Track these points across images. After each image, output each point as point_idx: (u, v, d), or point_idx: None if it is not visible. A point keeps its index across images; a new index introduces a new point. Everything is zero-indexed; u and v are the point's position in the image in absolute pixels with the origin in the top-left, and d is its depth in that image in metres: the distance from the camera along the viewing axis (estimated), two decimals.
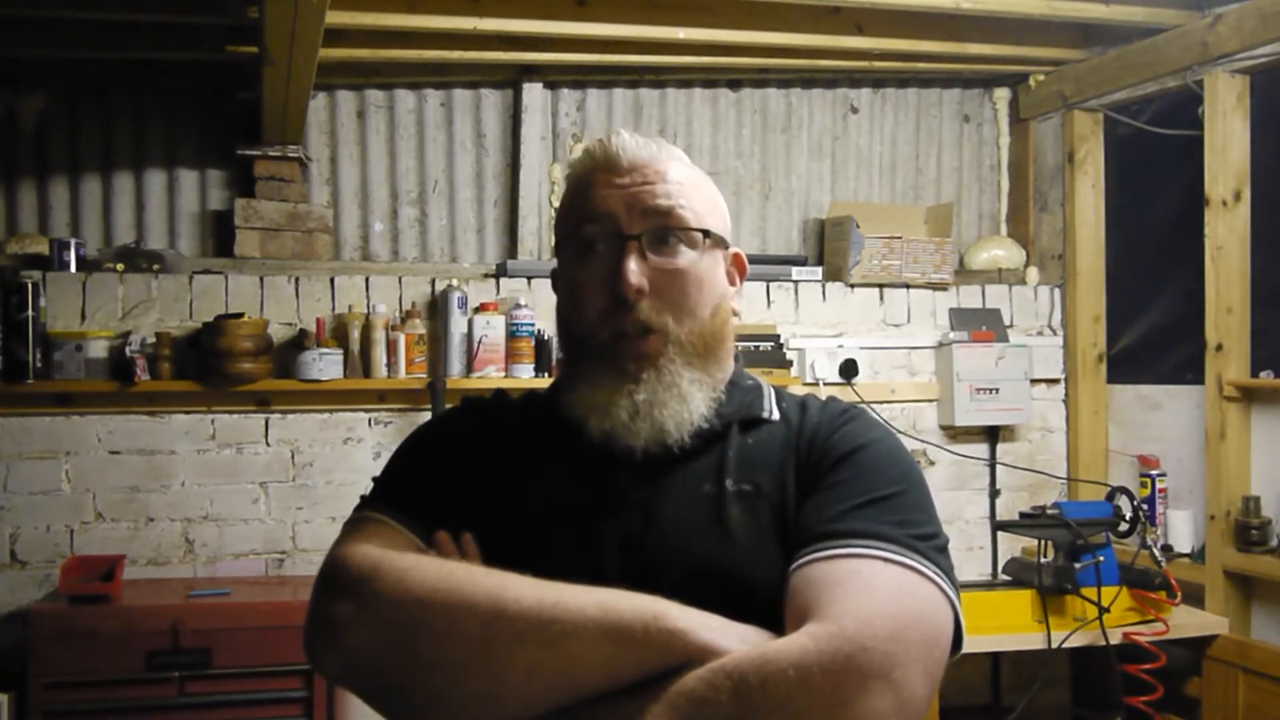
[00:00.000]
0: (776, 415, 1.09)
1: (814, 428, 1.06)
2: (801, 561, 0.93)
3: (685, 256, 1.05)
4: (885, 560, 0.91)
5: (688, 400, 1.03)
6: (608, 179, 1.06)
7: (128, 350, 3.02)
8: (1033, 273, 3.90)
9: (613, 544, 1.00)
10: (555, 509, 1.03)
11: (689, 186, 1.07)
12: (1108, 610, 2.86)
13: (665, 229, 1.04)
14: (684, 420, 1.02)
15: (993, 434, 3.74)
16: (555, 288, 1.13)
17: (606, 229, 1.04)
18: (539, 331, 3.33)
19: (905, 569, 0.91)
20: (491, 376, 3.26)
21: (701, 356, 1.05)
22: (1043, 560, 3.02)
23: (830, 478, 1.00)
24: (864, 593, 0.88)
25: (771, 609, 0.92)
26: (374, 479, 1.10)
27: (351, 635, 0.92)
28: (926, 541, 0.95)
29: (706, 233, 1.07)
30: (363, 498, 1.08)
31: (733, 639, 0.86)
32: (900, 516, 0.96)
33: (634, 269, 1.02)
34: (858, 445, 1.03)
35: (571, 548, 1.00)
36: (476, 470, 1.06)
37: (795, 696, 0.81)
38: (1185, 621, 3.04)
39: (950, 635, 0.92)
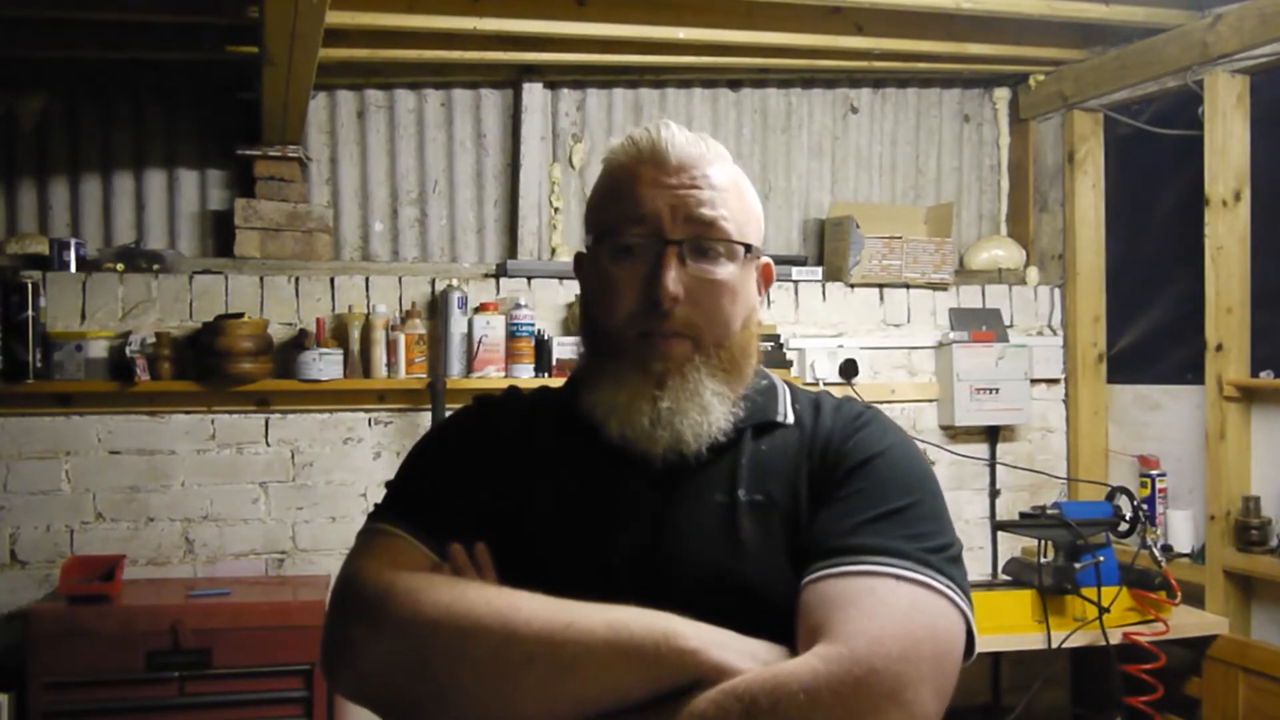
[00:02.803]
0: (790, 418, 1.08)
1: (828, 433, 1.05)
2: (813, 577, 0.93)
3: (724, 269, 1.03)
4: (897, 578, 0.91)
5: (709, 412, 1.01)
6: (653, 175, 1.03)
7: (128, 350, 3.02)
8: (1033, 273, 3.90)
9: (624, 553, 0.99)
10: (568, 517, 1.02)
11: (733, 194, 1.06)
12: (1108, 610, 2.86)
13: (708, 240, 1.03)
14: (703, 432, 1.01)
15: (993, 434, 3.74)
16: (579, 271, 1.11)
17: (648, 230, 1.02)
18: (539, 331, 3.33)
19: (917, 585, 0.91)
20: (491, 376, 3.26)
21: (727, 370, 1.04)
22: (1043, 560, 3.02)
23: (843, 488, 0.99)
24: (875, 612, 0.87)
25: (784, 620, 0.92)
26: (387, 484, 1.10)
27: (366, 657, 0.92)
28: (939, 554, 0.94)
29: (748, 247, 1.06)
30: (376, 506, 1.08)
31: (745, 658, 0.86)
32: (913, 530, 0.95)
33: (673, 276, 1.00)
34: (871, 454, 1.01)
35: (583, 556, 0.99)
36: (489, 475, 1.05)
37: (806, 719, 0.82)
38: (1185, 621, 3.04)
39: (962, 648, 0.92)
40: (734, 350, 1.05)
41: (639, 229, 1.02)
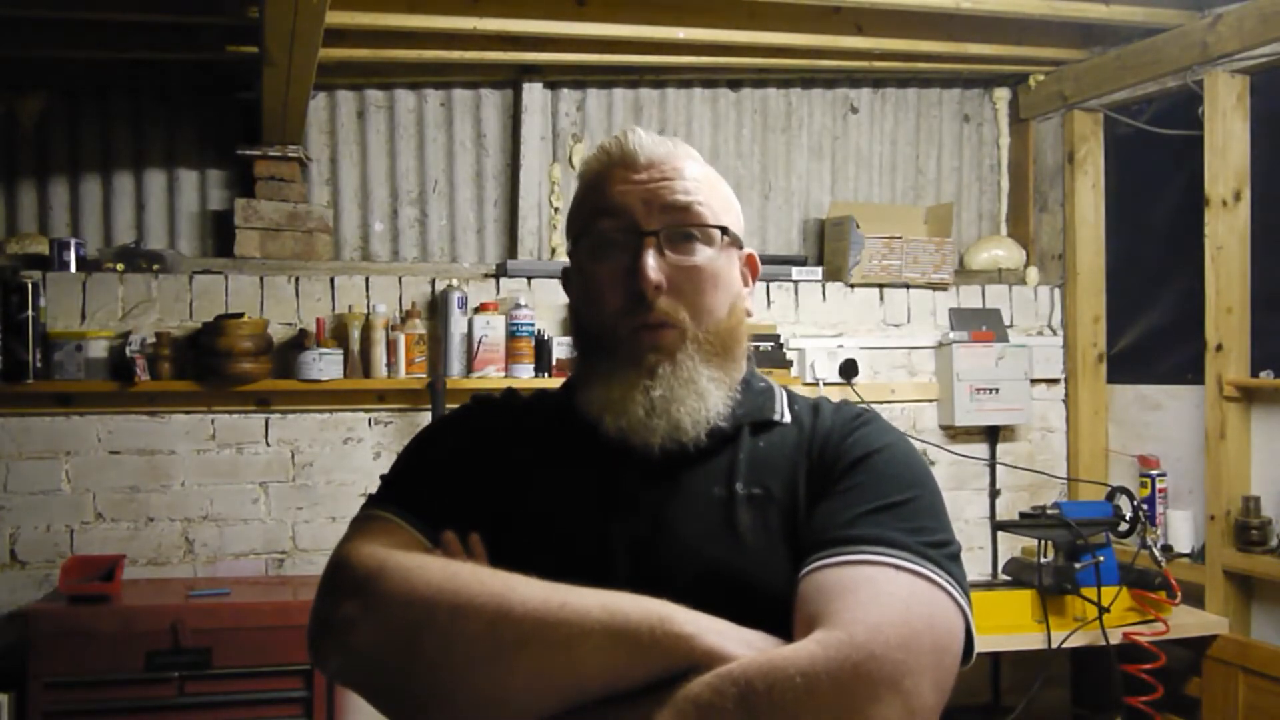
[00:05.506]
0: (788, 418, 1.08)
1: (826, 431, 1.05)
2: (812, 567, 0.92)
3: (703, 254, 1.04)
4: (896, 567, 0.90)
5: (705, 397, 1.02)
6: (624, 175, 1.05)
7: (128, 350, 3.02)
8: (1033, 273, 3.90)
9: (622, 546, 0.99)
10: (564, 510, 1.02)
11: (706, 184, 1.07)
12: (1108, 610, 2.86)
13: (683, 225, 1.03)
14: (701, 417, 1.01)
15: (993, 434, 3.74)
16: (566, 285, 1.12)
17: (623, 224, 1.03)
18: (539, 331, 3.33)
19: (916, 576, 0.90)
20: (491, 376, 3.26)
21: (719, 354, 1.04)
22: (1043, 560, 3.02)
23: (842, 482, 0.99)
24: (874, 600, 0.87)
25: (781, 614, 0.91)
26: (382, 476, 1.10)
27: (356, 635, 0.91)
28: (939, 549, 0.94)
29: (724, 230, 1.06)
30: (370, 496, 1.08)
31: (740, 644, 0.86)
32: (912, 523, 0.95)
33: (653, 265, 1.01)
34: (871, 450, 1.01)
35: (580, 549, 0.99)
36: (485, 469, 1.06)
37: (802, 704, 0.81)
38: (1185, 621, 3.04)
39: (961, 643, 0.91)
40: (723, 336, 1.05)
41: (613, 222, 1.03)
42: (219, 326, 3.04)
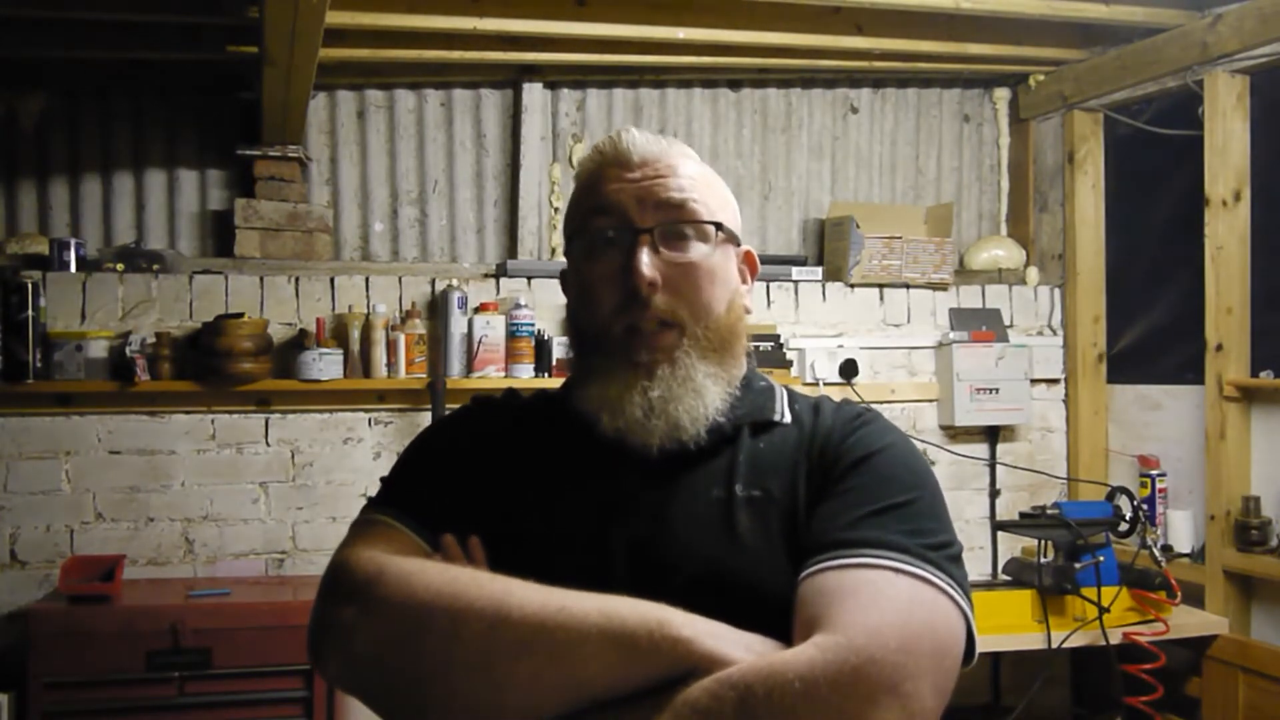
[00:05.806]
0: (789, 418, 1.08)
1: (827, 431, 1.04)
2: (811, 570, 0.92)
3: (698, 250, 1.04)
4: (896, 570, 0.90)
5: (703, 395, 1.01)
6: (618, 174, 1.04)
7: (128, 350, 3.02)
8: (1033, 273, 3.90)
9: (621, 548, 0.99)
10: (564, 511, 1.02)
11: (700, 182, 1.06)
12: (1108, 610, 2.86)
13: (678, 222, 1.03)
14: (699, 415, 1.01)
15: (993, 434, 3.74)
16: (564, 287, 1.12)
17: (617, 222, 1.03)
18: (539, 331, 3.33)
19: (916, 579, 0.90)
20: (491, 376, 3.26)
21: (717, 351, 1.04)
22: (1043, 560, 3.02)
23: (842, 484, 0.99)
24: (873, 604, 0.86)
25: (780, 616, 0.91)
26: (382, 479, 1.10)
27: (355, 640, 0.91)
28: (939, 551, 0.93)
29: (719, 226, 1.05)
30: (370, 499, 1.07)
31: (739, 648, 0.85)
32: (913, 525, 0.94)
33: (647, 262, 1.00)
34: (871, 451, 1.01)
35: (579, 551, 0.99)
36: (485, 471, 1.06)
37: (801, 709, 0.80)
38: (1185, 621, 3.04)
39: (962, 646, 0.91)
40: (722, 332, 1.05)
41: (607, 220, 1.03)
42: (219, 326, 3.04)
